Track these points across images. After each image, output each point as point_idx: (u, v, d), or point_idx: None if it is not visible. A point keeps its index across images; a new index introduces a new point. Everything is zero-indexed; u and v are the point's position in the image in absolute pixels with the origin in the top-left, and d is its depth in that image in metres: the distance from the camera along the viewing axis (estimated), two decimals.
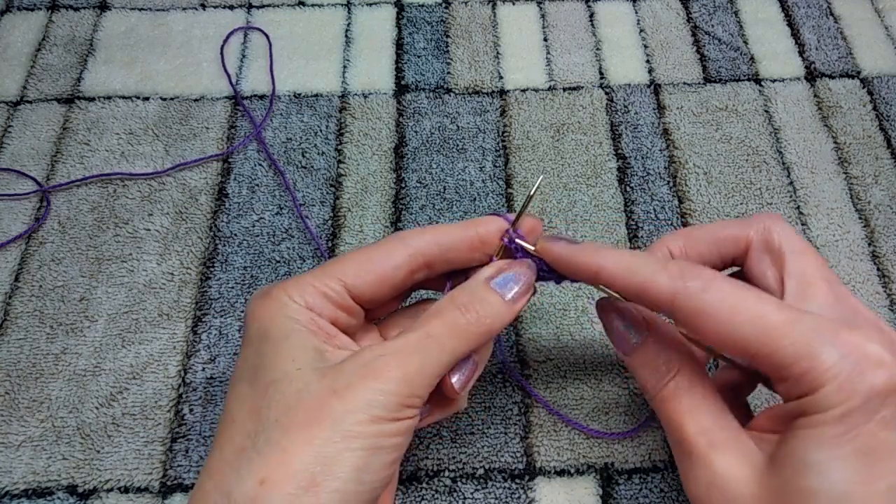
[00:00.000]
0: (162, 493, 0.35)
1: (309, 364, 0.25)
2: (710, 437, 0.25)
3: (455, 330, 0.27)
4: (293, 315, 0.27)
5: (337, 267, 0.28)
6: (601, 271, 0.27)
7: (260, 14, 0.54)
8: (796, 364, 0.23)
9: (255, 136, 0.48)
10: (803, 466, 0.22)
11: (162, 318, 0.40)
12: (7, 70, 0.51)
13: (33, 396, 0.38)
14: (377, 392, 0.24)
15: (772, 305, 0.24)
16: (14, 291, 0.41)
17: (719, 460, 0.25)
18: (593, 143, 0.48)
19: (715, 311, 0.24)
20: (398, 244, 0.29)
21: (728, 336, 0.24)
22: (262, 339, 0.26)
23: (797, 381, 0.23)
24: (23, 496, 0.35)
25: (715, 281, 0.25)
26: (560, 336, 0.40)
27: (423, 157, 0.47)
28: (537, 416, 0.38)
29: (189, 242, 0.43)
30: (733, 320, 0.24)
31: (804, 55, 0.53)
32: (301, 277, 0.28)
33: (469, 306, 0.27)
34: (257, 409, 0.25)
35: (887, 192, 0.46)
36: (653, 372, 0.28)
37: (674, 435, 0.27)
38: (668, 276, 0.25)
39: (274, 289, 0.28)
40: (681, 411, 0.26)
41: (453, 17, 0.55)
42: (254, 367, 0.26)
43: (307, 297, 0.27)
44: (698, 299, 0.24)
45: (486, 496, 0.35)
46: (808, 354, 0.23)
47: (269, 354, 0.26)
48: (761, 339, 0.23)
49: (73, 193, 0.45)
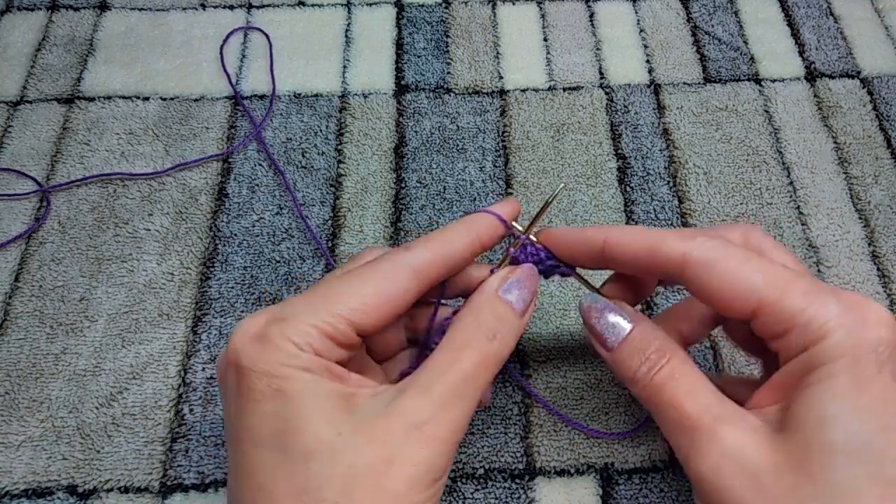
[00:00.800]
0: (162, 493, 0.35)
1: (347, 424, 0.23)
2: (714, 412, 0.25)
3: (486, 363, 0.26)
4: (306, 366, 0.24)
5: (337, 301, 0.25)
6: (608, 240, 0.27)
7: (260, 14, 0.54)
8: (803, 312, 0.23)
9: (255, 136, 0.48)
10: (821, 419, 0.22)
11: (162, 318, 0.40)
12: (7, 70, 0.51)
13: (33, 396, 0.38)
14: (435, 457, 0.24)
15: (778, 264, 0.25)
16: (14, 291, 0.41)
17: (728, 432, 0.24)
18: (593, 143, 0.48)
19: (724, 262, 0.25)
20: (403, 268, 0.27)
21: (737, 286, 0.25)
22: (279, 396, 0.23)
23: (803, 330, 0.23)
24: (23, 496, 0.35)
25: (723, 242, 0.26)
26: (560, 336, 0.40)
27: (423, 157, 0.47)
28: (537, 416, 0.38)
29: (189, 242, 0.43)
30: (742, 270, 0.25)
31: (804, 55, 0.53)
32: (296, 315, 0.25)
33: (495, 330, 0.27)
34: (304, 488, 0.22)
35: (887, 192, 0.46)
36: (643, 360, 0.27)
37: (672, 416, 0.26)
38: (675, 236, 0.26)
39: (270, 331, 0.24)
40: (680, 391, 0.26)
41: (453, 17, 0.55)
42: (279, 432, 0.23)
43: (312, 341, 0.24)
44: (709, 253, 0.25)
45: (486, 496, 0.35)
46: (814, 302, 0.23)
47: (297, 417, 0.23)
48: (769, 287, 0.24)
49: (73, 193, 0.45)
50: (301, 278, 0.42)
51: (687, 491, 0.35)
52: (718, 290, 0.25)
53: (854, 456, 0.22)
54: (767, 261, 0.25)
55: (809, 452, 0.22)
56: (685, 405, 0.25)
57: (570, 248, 0.30)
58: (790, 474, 0.22)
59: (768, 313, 0.24)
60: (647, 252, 0.27)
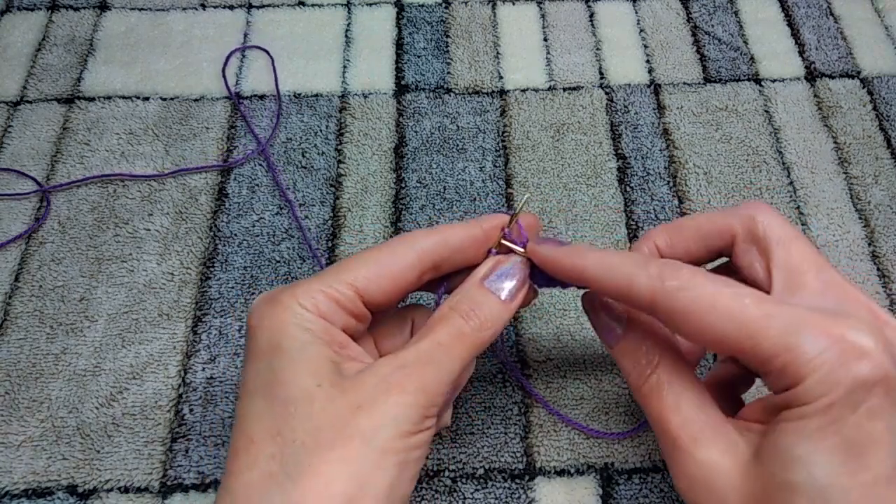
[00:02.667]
0: (162, 493, 0.35)
1: (328, 379, 0.25)
2: (693, 429, 0.25)
3: (461, 338, 0.27)
4: (306, 325, 0.26)
5: (346, 271, 0.27)
6: (584, 273, 0.27)
7: (260, 14, 0.54)
8: (777, 358, 0.23)
9: (260, 152, 0.48)
10: (787, 459, 0.22)
11: (162, 318, 0.40)
12: (7, 70, 0.51)
13: (33, 396, 0.38)
14: (402, 406, 0.24)
15: (750, 300, 0.24)
16: (14, 291, 0.41)
17: (702, 453, 0.24)
18: (593, 143, 0.48)
19: (693, 309, 0.24)
20: (407, 246, 0.28)
21: (708, 333, 0.24)
22: (275, 350, 0.25)
23: (779, 375, 0.23)
24: (23, 496, 0.35)
25: (693, 278, 0.24)
26: (560, 336, 0.40)
27: (423, 157, 0.47)
28: (537, 416, 0.38)
29: (189, 242, 0.43)
30: (710, 317, 0.24)
31: (804, 55, 0.53)
32: (309, 282, 0.27)
33: (470, 312, 0.27)
34: (278, 429, 0.24)
35: (887, 192, 0.46)
36: (635, 364, 0.28)
37: (658, 428, 0.26)
38: (646, 276, 0.25)
39: (282, 294, 0.26)
40: (663, 405, 0.26)
41: (453, 17, 0.55)
42: (268, 383, 0.25)
43: (319, 304, 0.26)
44: (676, 298, 0.24)
45: (486, 496, 0.35)
46: (788, 347, 0.22)
47: (285, 369, 0.25)
48: (740, 335, 0.23)
49: (73, 193, 0.45)
50: (301, 278, 0.42)
51: None
52: (691, 336, 0.25)
53: (815, 498, 0.22)
54: (740, 299, 0.24)
55: (772, 489, 0.23)
56: (668, 420, 0.26)
57: (552, 271, 0.30)
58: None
59: (745, 359, 0.24)
60: (618, 292, 0.26)
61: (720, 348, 0.24)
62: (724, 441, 0.25)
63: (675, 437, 0.25)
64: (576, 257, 0.28)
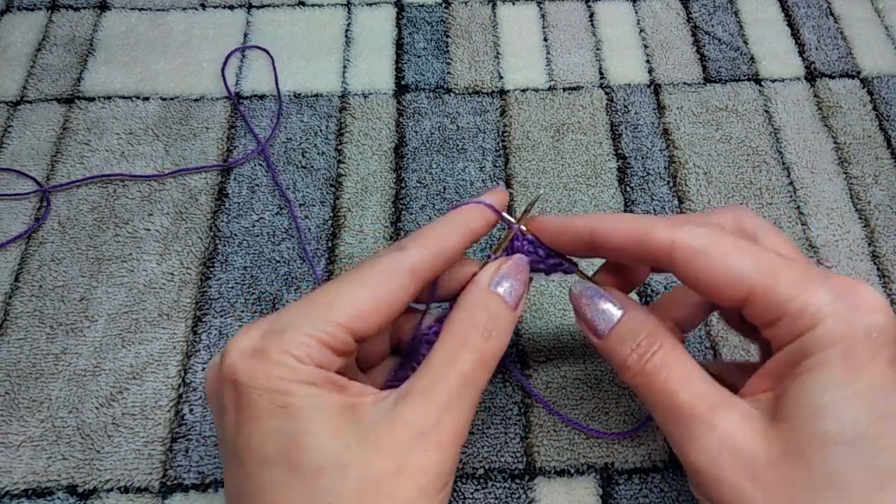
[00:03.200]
0: (162, 493, 0.35)
1: (354, 436, 0.23)
2: (708, 400, 0.25)
3: (484, 360, 0.26)
4: (308, 380, 0.23)
5: (333, 307, 0.25)
6: (596, 230, 0.27)
7: (260, 14, 0.54)
8: (794, 300, 0.23)
9: (260, 152, 0.48)
10: (815, 411, 0.22)
11: (162, 318, 0.40)
12: (7, 70, 0.51)
13: (33, 396, 0.38)
14: (441, 463, 0.24)
15: (770, 251, 0.25)
16: (14, 291, 0.41)
17: (722, 421, 0.24)
18: (593, 143, 0.48)
19: (714, 249, 0.25)
20: (399, 270, 0.26)
21: (726, 274, 0.24)
22: (283, 414, 0.23)
23: (794, 318, 0.23)
24: (23, 496, 0.35)
25: (710, 225, 0.25)
26: (560, 336, 0.40)
27: (423, 157, 0.47)
28: (537, 416, 0.38)
29: (189, 242, 0.43)
30: (732, 258, 0.24)
31: (804, 55, 0.53)
32: (293, 326, 0.24)
33: (488, 326, 0.26)
34: (311, 502, 0.22)
35: (887, 192, 0.46)
36: (634, 347, 0.27)
37: (665, 405, 0.25)
38: (663, 224, 0.26)
39: (268, 345, 0.24)
40: (673, 379, 0.25)
41: (453, 17, 0.55)
42: (286, 450, 0.23)
43: (312, 353, 0.24)
44: (697, 241, 0.25)
45: (486, 496, 0.35)
46: (805, 288, 0.23)
47: (304, 433, 0.23)
48: (760, 275, 0.24)
49: (73, 193, 0.45)
50: (301, 278, 0.42)
51: (687, 491, 0.35)
52: (707, 279, 0.25)
53: (848, 446, 0.22)
54: (758, 247, 0.25)
55: (804, 442, 0.22)
56: (678, 393, 0.25)
57: (559, 237, 0.29)
58: (785, 464, 0.22)
59: (758, 302, 0.24)
60: (635, 241, 0.26)
61: (734, 291, 0.24)
62: (742, 408, 0.24)
63: (689, 409, 0.24)
64: (586, 219, 0.28)
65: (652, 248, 0.26)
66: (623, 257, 0.29)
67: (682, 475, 0.36)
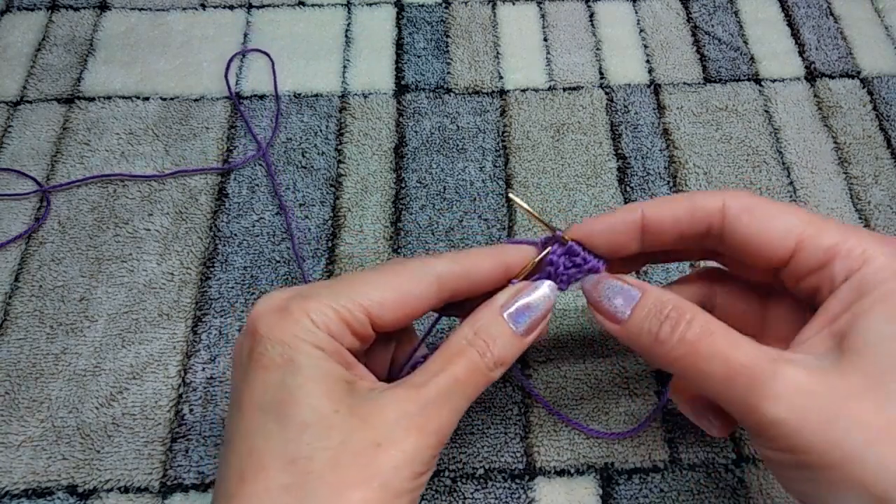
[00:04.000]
0: (162, 493, 0.35)
1: (345, 404, 0.24)
2: (767, 354, 0.24)
3: (475, 374, 0.26)
4: (319, 343, 0.25)
5: (360, 291, 0.26)
6: (645, 213, 0.28)
7: (260, 14, 0.54)
8: (845, 241, 0.25)
9: (261, 154, 0.48)
10: (886, 339, 0.23)
11: (162, 318, 0.40)
12: (7, 70, 0.51)
13: (33, 396, 0.38)
14: (420, 448, 0.24)
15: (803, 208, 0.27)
16: (14, 291, 0.41)
17: (792, 370, 0.23)
18: (593, 143, 0.48)
19: (762, 207, 0.27)
20: (426, 272, 0.27)
21: (778, 226, 0.26)
22: (287, 367, 0.24)
23: (846, 257, 0.24)
24: (23, 496, 0.35)
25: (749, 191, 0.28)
26: (560, 336, 0.40)
27: (423, 157, 0.47)
28: (537, 416, 0.38)
29: (189, 242, 0.43)
30: (780, 211, 0.26)
31: (804, 55, 0.53)
32: (319, 293, 0.26)
33: (485, 349, 0.27)
34: (294, 457, 0.23)
35: (887, 192, 0.46)
36: (663, 318, 0.26)
37: (720, 370, 0.24)
38: (710, 196, 0.27)
39: (291, 304, 0.25)
40: (722, 342, 0.25)
41: (453, 17, 0.55)
42: (280, 401, 0.24)
43: (330, 323, 0.25)
44: (745, 200, 0.27)
45: (486, 496, 0.35)
46: (852, 234, 0.25)
47: (301, 387, 0.24)
48: (807, 225, 0.26)
49: (73, 193, 0.45)
50: (301, 278, 0.42)
51: (687, 491, 0.35)
52: (758, 234, 0.26)
53: None
54: (794, 205, 0.27)
55: (881, 372, 0.22)
56: (735, 354, 0.24)
57: (607, 237, 0.29)
58: (866, 398, 0.22)
59: (808, 248, 0.25)
60: (686, 213, 0.27)
61: (785, 242, 0.26)
62: (803, 359, 0.24)
63: (751, 367, 0.24)
64: (629, 208, 0.29)
65: (704, 216, 0.27)
66: (674, 237, 0.29)
67: (682, 475, 0.36)
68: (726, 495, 0.35)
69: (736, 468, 0.36)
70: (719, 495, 0.35)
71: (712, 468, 0.36)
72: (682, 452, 0.36)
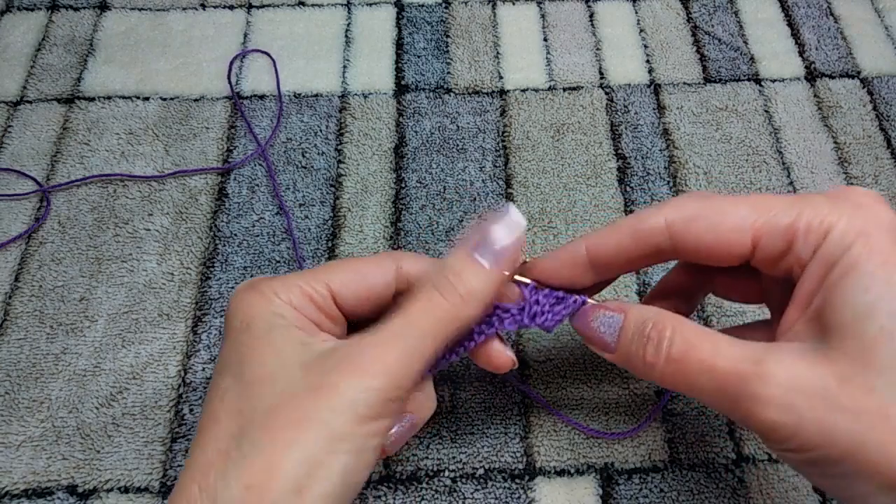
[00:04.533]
0: (162, 493, 0.35)
1: (293, 359, 0.25)
2: (751, 357, 0.23)
3: (434, 311, 0.26)
4: (278, 310, 0.26)
5: (325, 272, 0.28)
6: (588, 245, 0.28)
7: (260, 14, 0.54)
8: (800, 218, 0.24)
9: (260, 153, 0.48)
10: (863, 311, 0.21)
11: (162, 318, 0.40)
12: (7, 70, 0.51)
13: (33, 396, 0.38)
14: (360, 389, 0.24)
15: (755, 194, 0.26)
16: (14, 291, 0.41)
17: (778, 368, 0.22)
18: (593, 143, 0.48)
19: (708, 211, 0.26)
20: (390, 262, 0.29)
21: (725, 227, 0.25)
22: (245, 331, 0.26)
23: (806, 233, 0.23)
24: (23, 496, 0.35)
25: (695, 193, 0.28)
26: (560, 336, 0.40)
27: (423, 157, 0.47)
28: (537, 416, 0.38)
29: (189, 242, 0.43)
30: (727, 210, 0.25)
31: (804, 55, 0.53)
32: (288, 277, 0.28)
33: (448, 286, 0.26)
34: (241, 408, 0.24)
35: (887, 192, 0.46)
36: (646, 341, 0.26)
37: (709, 383, 0.24)
38: (650, 210, 0.27)
39: (261, 283, 0.27)
40: (704, 353, 0.24)
41: (453, 17, 0.55)
42: (237, 362, 0.26)
43: (293, 296, 0.27)
44: (690, 209, 0.26)
45: (486, 496, 0.35)
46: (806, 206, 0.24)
47: (253, 349, 0.26)
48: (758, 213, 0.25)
49: (73, 193, 0.45)
50: None
51: (687, 491, 0.35)
52: (711, 240, 0.25)
53: None
54: (743, 195, 0.26)
55: (866, 349, 0.21)
56: (717, 364, 0.24)
57: (558, 275, 0.29)
58: (860, 377, 0.21)
59: (767, 236, 0.24)
60: (629, 239, 0.27)
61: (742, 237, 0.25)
62: (787, 350, 0.23)
63: (736, 374, 0.23)
64: (569, 247, 0.29)
65: (648, 237, 0.26)
66: (620, 264, 0.28)
67: (682, 475, 0.36)
68: (726, 495, 0.35)
69: (736, 468, 0.36)
70: (719, 495, 0.35)
71: (712, 468, 0.36)
72: (682, 452, 0.36)
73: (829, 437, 0.21)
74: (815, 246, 0.23)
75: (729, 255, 0.25)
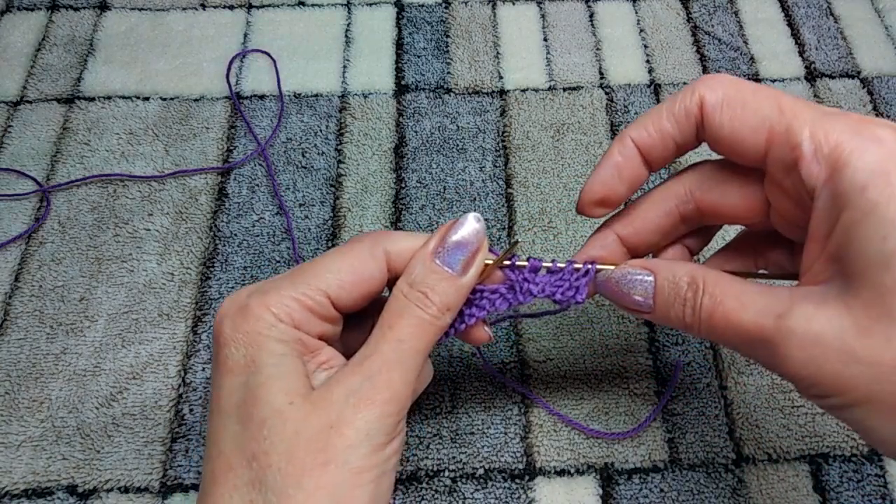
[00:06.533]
0: (162, 493, 0.35)
1: (299, 394, 0.25)
2: (773, 310, 0.23)
3: (421, 328, 0.26)
4: (281, 336, 0.25)
5: (318, 275, 0.27)
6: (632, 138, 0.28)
7: (260, 14, 0.54)
8: (807, 142, 0.23)
9: (260, 153, 0.48)
10: (883, 261, 0.21)
11: (162, 318, 0.40)
12: (7, 70, 0.51)
13: (33, 396, 0.38)
14: (373, 421, 0.24)
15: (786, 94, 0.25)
16: (14, 291, 0.41)
17: (796, 322, 0.23)
18: (593, 143, 0.48)
19: (736, 99, 0.26)
20: (379, 249, 0.28)
21: (746, 121, 0.25)
22: (250, 368, 0.25)
23: (812, 162, 0.23)
24: (23, 496, 0.35)
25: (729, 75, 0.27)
26: (560, 336, 0.40)
27: (423, 157, 0.47)
28: (537, 416, 0.38)
29: (189, 242, 0.43)
30: (751, 102, 0.25)
31: (804, 55, 0.53)
32: (279, 286, 0.26)
33: (424, 300, 0.26)
34: (254, 453, 0.24)
35: None
36: (683, 303, 0.26)
37: (740, 339, 0.25)
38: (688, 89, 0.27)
39: (252, 302, 0.26)
40: (730, 311, 0.24)
41: (453, 17, 0.55)
42: (242, 402, 0.25)
43: (293, 313, 0.26)
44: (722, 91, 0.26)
45: (486, 496, 0.35)
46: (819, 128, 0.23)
47: (261, 386, 0.24)
48: (776, 115, 0.24)
49: (73, 193, 0.45)
50: None
51: (687, 491, 0.35)
52: (732, 130, 0.26)
53: None
54: (777, 92, 0.25)
55: (884, 300, 0.21)
56: (741, 322, 0.24)
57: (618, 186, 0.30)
58: (876, 327, 0.21)
59: (778, 145, 0.24)
60: (668, 119, 0.28)
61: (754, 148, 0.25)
62: (808, 299, 0.23)
63: (759, 331, 0.23)
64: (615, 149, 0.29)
65: (685, 116, 0.27)
66: (667, 153, 0.29)
67: (682, 475, 0.36)
68: (726, 495, 0.35)
69: (736, 468, 0.36)
70: (719, 495, 0.35)
71: (712, 468, 0.36)
72: (682, 452, 0.36)
73: (846, 387, 0.22)
74: (828, 174, 0.23)
75: (744, 151, 0.26)
